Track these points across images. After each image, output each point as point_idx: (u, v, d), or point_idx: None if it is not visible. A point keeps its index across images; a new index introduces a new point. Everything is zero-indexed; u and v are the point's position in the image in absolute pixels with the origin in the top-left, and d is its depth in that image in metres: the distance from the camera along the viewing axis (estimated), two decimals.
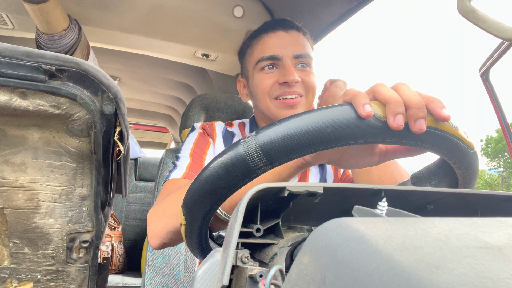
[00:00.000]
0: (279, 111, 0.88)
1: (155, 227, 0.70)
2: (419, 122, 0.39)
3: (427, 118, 0.39)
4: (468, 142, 0.41)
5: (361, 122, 0.38)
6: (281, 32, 0.91)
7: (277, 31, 0.92)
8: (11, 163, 0.45)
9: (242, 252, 0.33)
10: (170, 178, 0.84)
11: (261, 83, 0.90)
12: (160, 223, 0.69)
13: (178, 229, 0.65)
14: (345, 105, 0.39)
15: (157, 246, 0.71)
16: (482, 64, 1.49)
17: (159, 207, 0.72)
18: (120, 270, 2.17)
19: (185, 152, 0.90)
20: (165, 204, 0.71)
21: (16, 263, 0.49)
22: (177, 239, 0.69)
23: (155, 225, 0.70)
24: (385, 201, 0.31)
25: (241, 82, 1.03)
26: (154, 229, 0.70)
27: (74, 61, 0.40)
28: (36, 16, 1.06)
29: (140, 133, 3.21)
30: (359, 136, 0.38)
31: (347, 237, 0.19)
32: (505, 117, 1.53)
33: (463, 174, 0.45)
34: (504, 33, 0.50)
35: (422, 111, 0.39)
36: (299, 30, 0.93)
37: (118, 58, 1.76)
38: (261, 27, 0.96)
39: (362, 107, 0.38)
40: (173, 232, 0.67)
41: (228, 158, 0.39)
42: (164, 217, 0.69)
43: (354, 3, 1.11)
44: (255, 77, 0.92)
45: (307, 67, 0.91)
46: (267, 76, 0.89)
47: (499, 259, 0.17)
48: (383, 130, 0.39)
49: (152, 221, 0.71)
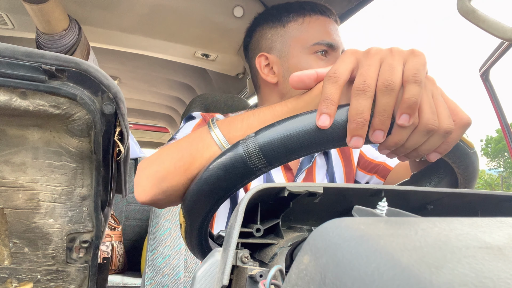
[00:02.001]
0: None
1: (142, 173, 0.59)
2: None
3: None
4: (468, 142, 0.42)
5: None
6: (334, 23, 0.86)
7: (331, 19, 0.86)
8: (11, 163, 0.45)
9: (242, 252, 0.33)
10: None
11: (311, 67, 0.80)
12: (148, 170, 0.58)
13: (170, 177, 0.55)
14: (344, 105, 0.39)
15: (142, 198, 0.58)
16: (482, 64, 1.49)
17: (151, 156, 0.62)
18: (120, 270, 2.17)
19: (185, 132, 0.81)
20: (158, 152, 0.62)
21: (16, 263, 0.49)
22: (165, 195, 0.56)
23: (143, 171, 0.59)
24: (385, 201, 0.31)
25: (268, 58, 0.87)
26: (141, 176, 0.59)
27: (74, 61, 0.40)
28: (36, 16, 1.06)
29: (140, 133, 3.21)
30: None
31: (347, 237, 0.19)
32: (505, 117, 1.53)
33: (463, 174, 0.45)
34: (504, 33, 0.50)
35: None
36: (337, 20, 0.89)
37: (118, 58, 1.76)
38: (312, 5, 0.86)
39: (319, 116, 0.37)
40: (161, 183, 0.55)
41: (227, 159, 0.39)
42: (155, 164, 0.58)
43: (354, 3, 1.11)
44: (303, 58, 0.82)
45: None
46: (321, 63, 0.81)
47: (499, 259, 0.17)
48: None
49: (141, 168, 0.60)
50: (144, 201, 0.58)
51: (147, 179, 0.57)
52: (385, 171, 0.86)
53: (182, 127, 0.87)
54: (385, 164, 0.87)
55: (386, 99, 0.37)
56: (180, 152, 0.55)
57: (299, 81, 0.46)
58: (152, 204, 0.59)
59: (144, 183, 0.58)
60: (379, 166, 0.88)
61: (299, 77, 0.46)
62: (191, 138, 0.57)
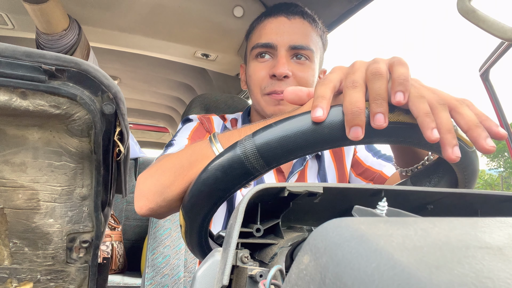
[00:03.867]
0: (267, 106, 0.81)
1: (143, 185, 0.60)
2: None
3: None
4: (467, 141, 0.41)
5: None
6: (283, 18, 0.83)
7: (279, 17, 0.84)
8: (11, 163, 0.45)
9: (242, 252, 0.33)
10: (166, 153, 0.75)
11: (254, 73, 0.85)
12: (150, 181, 0.59)
13: (170, 189, 0.56)
14: (341, 105, 0.39)
15: (144, 209, 0.59)
16: (482, 64, 1.49)
17: (151, 167, 0.64)
18: (120, 270, 2.17)
19: (182, 136, 0.83)
20: (159, 163, 0.63)
21: (16, 263, 0.49)
22: (167, 205, 0.57)
23: (144, 183, 0.60)
24: (385, 201, 0.31)
25: (243, 67, 0.96)
26: (142, 187, 0.60)
27: (74, 61, 0.40)
28: (36, 16, 1.06)
29: (140, 133, 3.21)
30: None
31: (347, 237, 0.19)
32: (505, 117, 1.53)
33: (462, 173, 0.45)
34: (504, 33, 0.50)
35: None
36: (305, 17, 0.85)
37: (118, 58, 1.76)
38: (267, 10, 0.89)
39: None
40: (163, 192, 0.57)
41: (225, 160, 0.39)
42: (156, 174, 0.59)
43: (354, 3, 1.11)
44: (250, 65, 0.87)
45: (306, 60, 0.83)
46: (260, 66, 0.84)
47: (499, 259, 0.17)
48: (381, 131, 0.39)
49: (141, 180, 0.61)
50: (146, 212, 0.60)
51: (149, 190, 0.59)
52: (381, 179, 0.86)
53: (180, 129, 0.88)
54: (381, 172, 0.87)
55: (377, 84, 0.38)
56: (181, 162, 0.58)
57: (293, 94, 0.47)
58: (154, 215, 0.60)
59: (147, 193, 0.59)
60: (376, 174, 0.88)
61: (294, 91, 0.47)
62: (191, 150, 0.59)
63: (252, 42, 0.87)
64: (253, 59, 0.86)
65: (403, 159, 0.54)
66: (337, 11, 1.15)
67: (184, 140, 0.81)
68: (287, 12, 0.84)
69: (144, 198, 0.59)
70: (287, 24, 0.83)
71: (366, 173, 0.91)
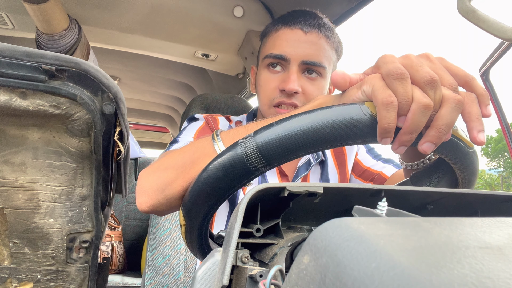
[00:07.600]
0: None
1: (145, 181, 0.60)
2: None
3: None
4: (467, 142, 0.41)
5: (359, 122, 0.38)
6: (299, 31, 0.82)
7: (295, 29, 0.82)
8: (11, 163, 0.45)
9: (242, 252, 0.33)
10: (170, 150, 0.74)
11: (264, 84, 0.85)
12: (152, 177, 0.59)
13: (172, 187, 0.56)
14: (342, 105, 0.39)
15: (144, 205, 0.59)
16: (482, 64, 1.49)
17: (154, 163, 0.64)
18: (120, 270, 2.17)
19: (188, 135, 0.83)
20: (161, 160, 0.63)
21: (16, 263, 0.49)
22: (168, 202, 0.57)
23: (145, 179, 0.60)
24: (385, 201, 0.31)
25: (253, 70, 0.95)
26: (144, 183, 0.60)
27: (74, 61, 0.40)
28: (36, 16, 1.06)
29: (140, 133, 3.21)
30: (356, 136, 0.38)
31: (347, 237, 0.19)
32: (505, 117, 1.53)
33: (462, 174, 0.44)
34: (504, 33, 0.50)
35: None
36: (321, 30, 0.83)
37: (118, 58, 1.76)
38: (285, 15, 0.87)
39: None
40: (164, 190, 0.57)
41: (226, 159, 0.39)
42: (158, 171, 0.59)
43: (354, 3, 1.11)
44: (261, 73, 0.87)
45: (317, 76, 0.83)
46: (271, 77, 0.84)
47: (499, 259, 0.17)
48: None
49: (143, 175, 0.61)
50: (146, 208, 0.59)
51: (151, 186, 0.59)
52: (381, 179, 0.86)
53: (186, 128, 0.88)
54: (381, 173, 0.87)
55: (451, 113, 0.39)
56: (183, 160, 0.57)
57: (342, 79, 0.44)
58: (154, 212, 0.60)
59: (148, 190, 0.59)
60: (376, 175, 0.89)
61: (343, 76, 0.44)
62: (194, 147, 0.59)
63: (265, 50, 0.86)
64: (264, 68, 0.86)
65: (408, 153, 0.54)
66: (337, 11, 1.16)
67: (189, 139, 0.81)
68: (304, 24, 0.83)
69: (145, 194, 0.59)
70: (303, 38, 0.82)
71: (365, 173, 0.91)
